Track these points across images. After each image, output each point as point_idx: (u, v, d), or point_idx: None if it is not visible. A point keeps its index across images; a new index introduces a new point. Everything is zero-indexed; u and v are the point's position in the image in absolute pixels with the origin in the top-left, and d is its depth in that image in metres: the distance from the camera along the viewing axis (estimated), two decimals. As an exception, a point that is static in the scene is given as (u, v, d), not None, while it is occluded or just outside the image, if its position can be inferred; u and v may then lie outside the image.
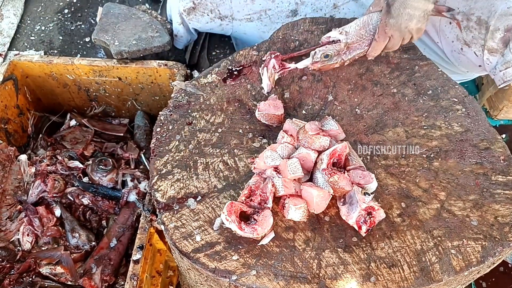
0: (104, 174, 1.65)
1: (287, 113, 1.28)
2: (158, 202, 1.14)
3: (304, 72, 1.37)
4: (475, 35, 1.49)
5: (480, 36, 1.48)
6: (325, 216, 1.10)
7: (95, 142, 1.84)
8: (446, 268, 1.02)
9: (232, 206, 1.04)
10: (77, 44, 2.44)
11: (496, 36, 1.43)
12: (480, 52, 1.49)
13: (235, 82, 1.35)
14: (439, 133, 1.23)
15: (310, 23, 1.48)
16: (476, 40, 1.49)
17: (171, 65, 1.69)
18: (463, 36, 1.53)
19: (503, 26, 1.42)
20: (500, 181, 1.14)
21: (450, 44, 1.60)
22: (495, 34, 1.43)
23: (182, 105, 1.32)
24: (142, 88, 1.82)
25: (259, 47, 1.43)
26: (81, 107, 1.97)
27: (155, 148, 1.24)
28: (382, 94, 1.32)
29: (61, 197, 1.64)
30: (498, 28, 1.42)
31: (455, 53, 1.61)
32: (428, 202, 1.12)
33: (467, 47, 1.53)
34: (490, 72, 1.50)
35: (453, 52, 1.62)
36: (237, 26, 1.83)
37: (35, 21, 2.56)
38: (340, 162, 1.12)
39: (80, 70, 1.76)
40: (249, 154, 1.21)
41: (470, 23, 1.50)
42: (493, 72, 1.49)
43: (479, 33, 1.48)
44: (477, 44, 1.49)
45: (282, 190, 1.07)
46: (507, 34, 1.41)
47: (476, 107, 1.27)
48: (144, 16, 1.81)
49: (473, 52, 1.52)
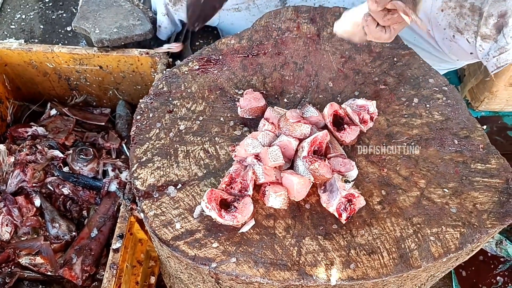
0: (85, 163, 1.63)
1: (269, 102, 1.28)
2: (138, 190, 1.13)
3: (286, 60, 1.36)
4: (468, 22, 1.49)
5: (473, 23, 1.48)
6: (305, 204, 1.10)
7: (76, 132, 1.81)
8: (425, 255, 1.03)
9: (212, 194, 1.03)
10: (58, 33, 2.40)
11: (490, 22, 1.43)
12: (472, 39, 1.50)
13: (217, 70, 1.34)
14: (419, 122, 1.23)
15: (293, 11, 1.47)
16: (469, 27, 1.49)
17: (153, 53, 1.67)
18: (455, 23, 1.53)
19: (496, 12, 1.42)
20: (479, 169, 1.15)
21: (442, 32, 1.60)
22: (489, 20, 1.43)
23: (163, 93, 1.30)
24: (123, 77, 1.79)
25: (241, 35, 1.42)
26: (62, 96, 1.94)
27: (135, 136, 1.22)
28: (363, 83, 1.32)
29: (41, 186, 1.61)
30: (492, 14, 1.42)
31: (446, 40, 1.61)
32: (408, 189, 1.12)
33: (460, 34, 1.53)
34: (483, 59, 1.51)
35: (444, 40, 1.62)
36: (224, 16, 1.81)
37: (16, 9, 2.50)
38: (321, 150, 1.12)
39: (60, 58, 1.73)
40: (230, 142, 1.20)
41: (463, 10, 1.50)
42: (486, 58, 1.49)
43: (472, 20, 1.48)
44: (470, 31, 1.50)
45: (262, 178, 1.07)
46: (500, 19, 1.42)
47: (456, 96, 1.28)
48: (125, 4, 1.78)
49: (465, 39, 1.52)
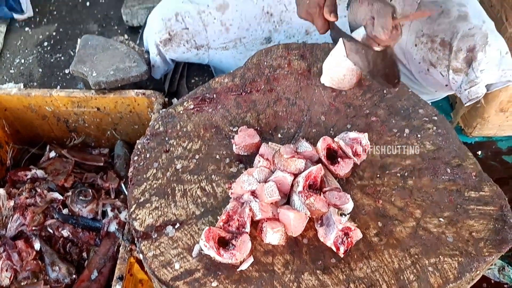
0: (84, 205, 1.64)
1: (263, 138, 1.30)
2: (137, 231, 1.14)
3: (278, 96, 1.39)
4: (440, 56, 1.54)
5: (445, 57, 1.53)
6: (303, 239, 1.10)
7: (75, 173, 1.83)
8: (424, 286, 1.03)
9: (210, 232, 1.04)
10: (57, 76, 2.45)
11: (460, 56, 1.48)
12: (445, 72, 1.54)
13: (211, 108, 1.37)
14: (412, 152, 1.26)
15: (283, 49, 1.52)
16: (441, 61, 1.54)
17: (149, 93, 1.71)
18: (428, 57, 1.58)
19: (465, 47, 1.47)
20: (473, 197, 1.17)
21: (417, 65, 1.65)
22: (458, 55, 1.48)
23: (159, 133, 1.33)
24: (121, 118, 1.83)
25: (234, 73, 1.46)
26: (61, 138, 1.97)
27: (133, 177, 1.24)
28: (355, 116, 1.34)
29: (41, 230, 1.62)
30: (461, 49, 1.48)
31: (422, 73, 1.66)
32: (404, 220, 1.13)
33: (433, 68, 1.58)
34: (456, 91, 1.55)
35: (420, 73, 1.66)
36: (213, 55, 1.86)
37: (15, 54, 2.57)
38: (316, 184, 1.14)
39: (59, 101, 1.77)
40: (226, 179, 1.22)
41: (435, 45, 1.55)
42: (459, 91, 1.53)
43: (443, 54, 1.53)
44: (442, 64, 1.54)
45: (259, 214, 1.08)
46: (469, 54, 1.47)
47: (446, 125, 1.30)
48: (121, 47, 1.83)
49: (439, 72, 1.57)
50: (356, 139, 1.22)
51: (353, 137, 1.22)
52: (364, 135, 1.22)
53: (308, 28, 1.78)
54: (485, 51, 1.45)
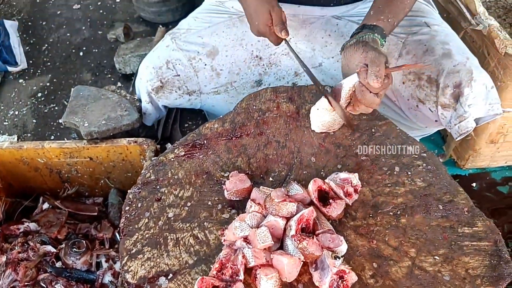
0: (78, 257, 1.62)
1: (255, 182, 1.30)
2: (129, 283, 1.12)
3: (268, 139, 1.41)
4: (428, 93, 1.57)
5: (432, 93, 1.55)
6: (298, 284, 1.09)
7: (68, 224, 1.82)
8: (424, 328, 1.01)
9: (203, 282, 1.02)
10: (50, 126, 2.47)
11: (447, 92, 1.51)
12: (434, 108, 1.57)
13: (202, 154, 1.38)
14: (403, 190, 1.26)
15: (272, 92, 1.54)
16: (429, 97, 1.57)
17: (141, 141, 1.72)
18: (416, 94, 1.61)
19: (451, 83, 1.50)
20: (467, 232, 1.16)
21: (406, 102, 1.68)
22: (446, 91, 1.51)
23: (150, 181, 1.33)
24: (114, 166, 1.83)
25: (223, 118, 1.48)
26: (54, 189, 1.96)
27: (125, 228, 1.23)
28: (345, 156, 1.35)
29: (34, 284, 1.59)
30: (448, 85, 1.50)
31: (411, 110, 1.68)
32: (399, 260, 1.12)
33: (422, 104, 1.61)
34: (446, 126, 1.57)
35: (410, 110, 1.69)
36: (205, 100, 1.89)
37: (9, 106, 2.59)
38: (308, 227, 1.13)
39: (51, 153, 1.78)
40: (219, 225, 1.21)
41: (422, 82, 1.58)
42: (449, 126, 1.55)
43: (431, 91, 1.56)
44: (431, 101, 1.57)
45: (252, 261, 1.07)
46: (456, 90, 1.49)
47: (435, 161, 1.31)
48: (113, 96, 1.86)
49: (428, 108, 1.59)
50: (346, 180, 1.22)
51: (343, 177, 1.23)
52: (354, 175, 1.22)
53: (297, 70, 1.81)
54: (471, 86, 1.47)
